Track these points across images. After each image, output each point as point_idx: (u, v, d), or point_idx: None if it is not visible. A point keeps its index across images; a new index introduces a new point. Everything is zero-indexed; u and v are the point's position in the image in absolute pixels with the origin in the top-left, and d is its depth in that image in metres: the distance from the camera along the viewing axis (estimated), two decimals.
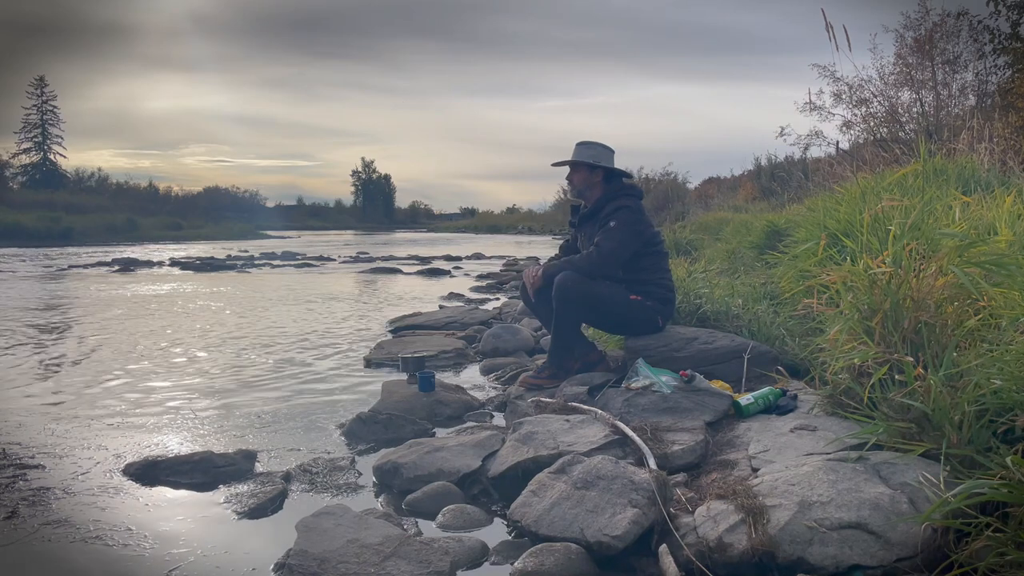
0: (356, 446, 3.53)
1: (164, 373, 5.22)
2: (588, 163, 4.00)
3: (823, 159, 13.42)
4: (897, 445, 2.28)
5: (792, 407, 3.04)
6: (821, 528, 1.97)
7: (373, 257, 21.17)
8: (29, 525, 2.57)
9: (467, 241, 36.54)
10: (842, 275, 2.91)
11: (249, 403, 4.35)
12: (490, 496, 2.86)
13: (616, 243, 3.81)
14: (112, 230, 37.09)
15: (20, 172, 58.81)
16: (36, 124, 60.34)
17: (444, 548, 2.24)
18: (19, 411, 4.16)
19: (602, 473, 2.45)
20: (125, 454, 3.36)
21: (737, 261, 7.22)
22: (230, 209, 62.66)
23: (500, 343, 5.64)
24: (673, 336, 3.87)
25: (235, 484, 2.98)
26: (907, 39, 14.51)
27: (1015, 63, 11.08)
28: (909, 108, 14.53)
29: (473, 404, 4.16)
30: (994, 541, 1.76)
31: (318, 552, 2.15)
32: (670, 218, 19.69)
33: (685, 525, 2.21)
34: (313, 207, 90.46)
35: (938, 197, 3.90)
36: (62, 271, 16.04)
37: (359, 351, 6.05)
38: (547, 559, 2.17)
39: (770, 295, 4.82)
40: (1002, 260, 2.69)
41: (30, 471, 3.11)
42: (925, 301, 2.61)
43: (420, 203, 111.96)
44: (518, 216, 69.63)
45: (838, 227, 4.26)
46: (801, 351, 3.70)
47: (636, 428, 2.92)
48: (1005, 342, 2.35)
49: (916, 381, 2.32)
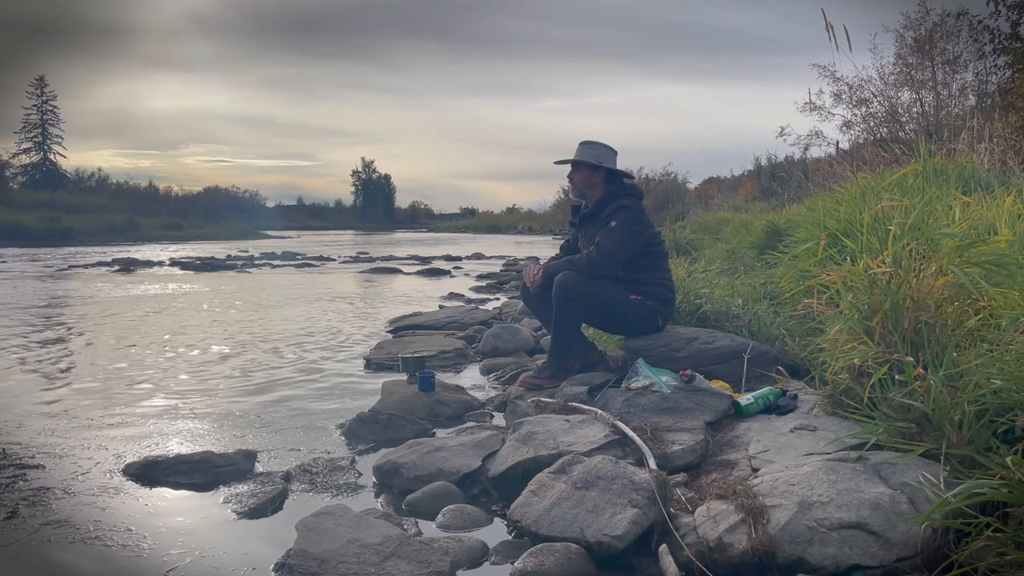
0: (356, 446, 3.53)
1: (164, 373, 5.22)
2: (590, 163, 4.00)
3: (823, 159, 13.42)
4: (897, 445, 2.28)
5: (792, 407, 3.04)
6: (821, 528, 1.97)
7: (373, 257, 21.17)
8: (29, 525, 2.57)
9: (467, 241, 36.54)
10: (842, 275, 2.91)
11: (249, 403, 4.35)
12: (490, 496, 2.86)
13: (616, 243, 3.81)
14: (112, 230, 37.10)
15: (20, 172, 58.95)
16: (36, 124, 60.44)
17: (444, 548, 2.24)
18: (19, 411, 4.16)
19: (602, 473, 2.44)
20: (125, 454, 3.36)
21: (737, 261, 7.22)
22: (230, 209, 62.69)
23: (500, 343, 5.64)
24: (673, 336, 3.87)
25: (235, 484, 2.98)
26: (907, 39, 14.53)
27: (1015, 63, 11.08)
28: (909, 108, 14.54)
29: (473, 404, 4.16)
30: (994, 541, 1.76)
31: (318, 552, 2.15)
32: (670, 218, 19.67)
33: (685, 525, 2.21)
34: (313, 207, 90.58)
35: (938, 197, 3.90)
36: (62, 271, 16.03)
37: (359, 351, 6.05)
38: (547, 559, 2.17)
39: (770, 295, 4.82)
40: (1002, 260, 2.69)
41: (30, 471, 3.11)
42: (925, 301, 2.61)
43: (420, 203, 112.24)
44: (518, 216, 69.65)
45: (838, 227, 4.26)
46: (801, 351, 3.70)
47: (636, 428, 2.92)
48: (1005, 342, 2.35)
49: (916, 381, 2.31)
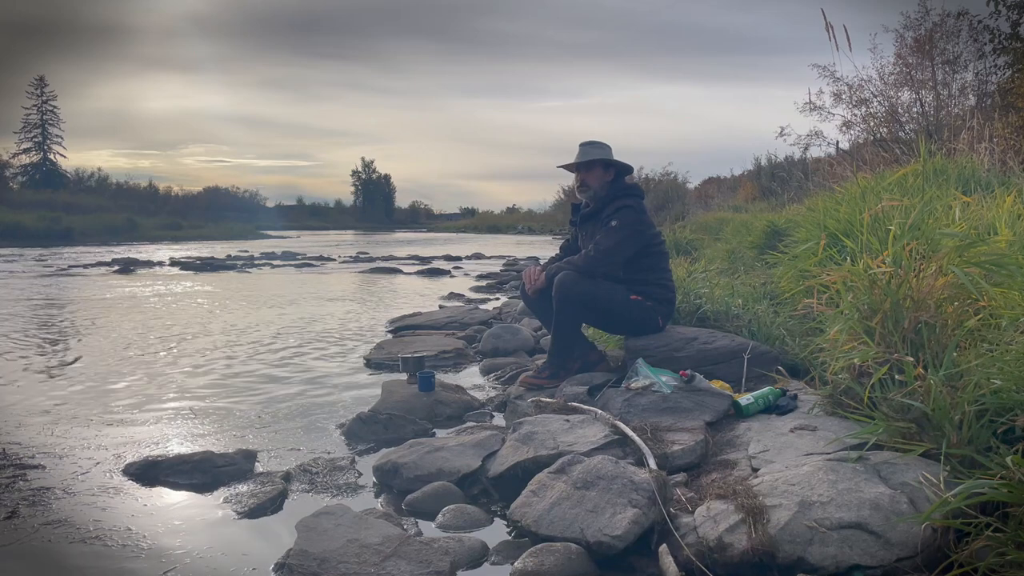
0: (356, 446, 3.53)
1: (164, 373, 5.21)
2: (604, 161, 4.00)
3: (823, 159, 13.44)
4: (897, 445, 2.28)
5: (792, 407, 3.04)
6: (821, 528, 1.97)
7: (373, 257, 21.17)
8: (29, 525, 2.57)
9: (467, 241, 36.54)
10: (842, 275, 2.91)
11: (249, 403, 4.35)
12: (490, 496, 2.86)
13: (616, 242, 3.81)
14: (112, 230, 37.06)
15: (20, 172, 58.96)
16: (36, 124, 60.44)
17: (444, 548, 2.24)
18: (19, 411, 4.16)
19: (602, 473, 2.44)
20: (125, 454, 3.36)
21: (737, 261, 7.22)
22: (230, 209, 62.68)
23: (500, 343, 5.64)
24: (673, 336, 3.87)
25: (235, 484, 2.97)
26: (907, 39, 14.55)
27: (1015, 63, 11.07)
28: (909, 108, 14.55)
29: (473, 404, 4.16)
30: (994, 541, 1.76)
31: (318, 552, 2.15)
32: (670, 218, 19.69)
33: (685, 525, 2.21)
34: (313, 207, 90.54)
35: (938, 197, 3.90)
36: (62, 271, 16.02)
37: (359, 351, 6.05)
38: (547, 559, 2.17)
39: (770, 295, 4.82)
40: (1002, 260, 2.69)
41: (30, 471, 3.11)
42: (925, 301, 2.61)
43: (420, 203, 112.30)
44: (518, 216, 69.67)
45: (838, 227, 4.26)
46: (801, 351, 3.70)
47: (636, 428, 2.92)
48: (1005, 342, 2.34)
49: (916, 381, 2.31)
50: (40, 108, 60.67)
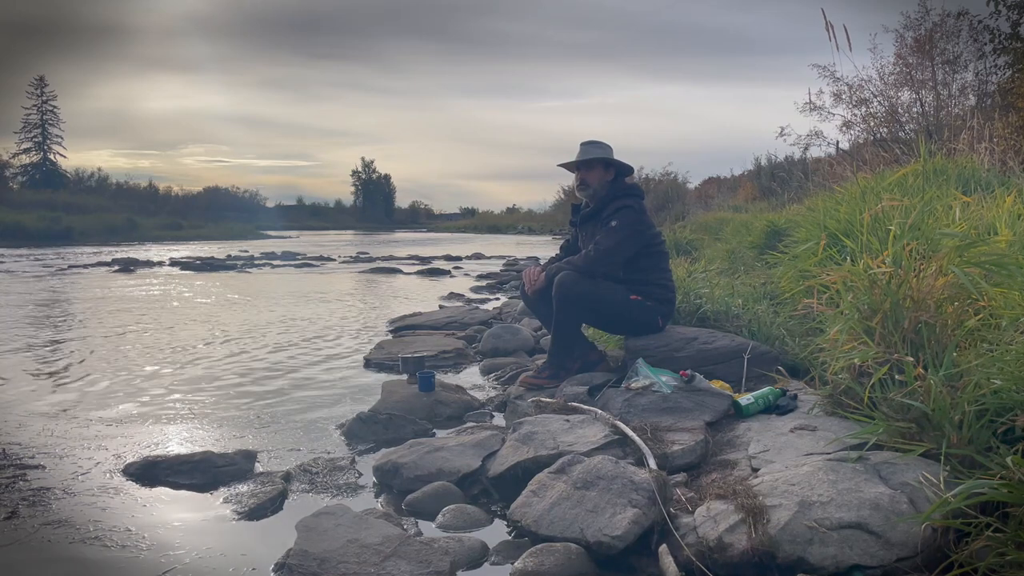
0: (356, 446, 3.53)
1: (164, 373, 5.22)
2: (605, 160, 4.00)
3: (823, 159, 13.45)
4: (897, 445, 2.28)
5: (792, 407, 3.04)
6: (821, 528, 1.97)
7: (373, 257, 21.17)
8: (29, 525, 2.57)
9: (467, 241, 36.54)
10: (842, 275, 2.91)
11: (249, 403, 4.35)
12: (490, 496, 2.86)
13: (616, 242, 3.81)
14: (112, 230, 37.07)
15: (20, 172, 58.91)
16: (36, 124, 60.41)
17: (444, 548, 2.24)
18: (19, 411, 4.16)
19: (602, 473, 2.44)
20: (125, 454, 3.36)
21: (737, 261, 7.21)
22: (230, 209, 62.65)
23: (500, 343, 5.64)
24: (673, 336, 3.87)
25: (235, 484, 2.97)
26: (907, 39, 14.56)
27: (1015, 63, 11.07)
28: (909, 108, 14.57)
29: (473, 404, 4.16)
30: (994, 541, 1.76)
31: (318, 552, 2.15)
32: (670, 218, 19.70)
33: (685, 525, 2.21)
34: (313, 207, 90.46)
35: (938, 197, 3.90)
36: (62, 271, 16.02)
37: (359, 351, 6.05)
38: (547, 559, 2.17)
39: (770, 295, 4.82)
40: (1002, 260, 2.69)
41: (30, 471, 3.11)
42: (925, 301, 2.61)
43: (420, 203, 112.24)
44: (518, 216, 69.67)
45: (838, 227, 4.26)
46: (801, 351, 3.70)
47: (636, 428, 2.92)
48: (1005, 342, 2.34)
49: (916, 381, 2.31)
50: (40, 108, 60.69)
